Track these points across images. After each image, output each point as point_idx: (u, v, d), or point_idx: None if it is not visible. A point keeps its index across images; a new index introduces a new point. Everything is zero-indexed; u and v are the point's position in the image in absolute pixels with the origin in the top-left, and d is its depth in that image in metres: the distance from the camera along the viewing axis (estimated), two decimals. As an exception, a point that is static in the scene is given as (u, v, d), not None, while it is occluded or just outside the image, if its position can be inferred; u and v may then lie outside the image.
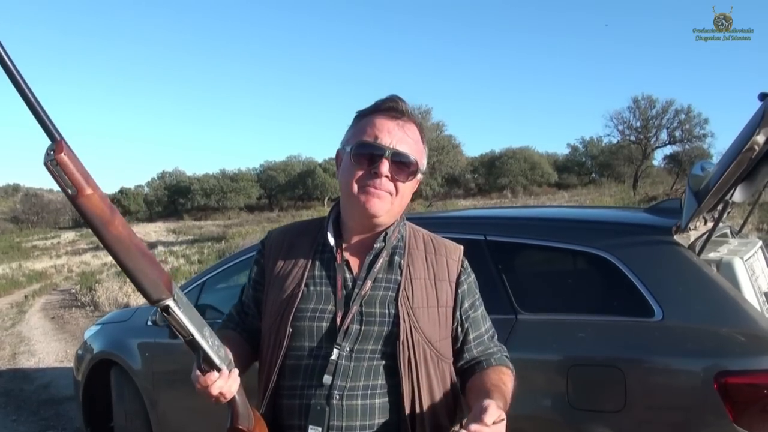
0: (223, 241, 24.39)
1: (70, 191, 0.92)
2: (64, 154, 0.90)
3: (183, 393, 3.29)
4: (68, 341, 8.64)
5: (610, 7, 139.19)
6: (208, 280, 3.51)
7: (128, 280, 1.05)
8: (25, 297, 14.43)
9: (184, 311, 1.09)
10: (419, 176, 1.42)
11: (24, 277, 18.91)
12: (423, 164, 1.43)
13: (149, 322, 3.48)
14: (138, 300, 10.76)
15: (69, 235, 41.04)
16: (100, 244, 1.00)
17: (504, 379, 1.40)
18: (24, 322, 10.73)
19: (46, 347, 8.37)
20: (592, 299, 2.40)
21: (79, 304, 12.19)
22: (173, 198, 56.36)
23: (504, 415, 1.16)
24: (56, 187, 0.93)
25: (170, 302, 1.06)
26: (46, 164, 0.91)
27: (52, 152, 0.90)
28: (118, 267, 1.02)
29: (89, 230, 1.02)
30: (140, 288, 1.03)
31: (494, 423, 1.13)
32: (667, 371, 2.08)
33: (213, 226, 38.91)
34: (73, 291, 14.22)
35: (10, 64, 0.86)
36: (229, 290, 3.90)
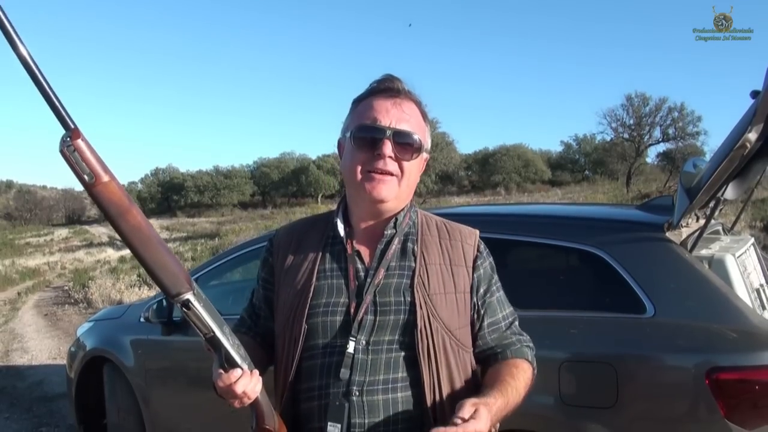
0: (216, 238, 24.31)
1: (86, 178, 0.90)
2: (81, 140, 0.89)
3: (176, 390, 3.30)
4: (61, 338, 8.59)
5: (607, 6, 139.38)
6: (201, 277, 3.50)
7: (147, 274, 1.02)
8: (18, 294, 14.33)
9: (204, 307, 1.05)
10: (424, 155, 1.38)
11: (17, 274, 18.75)
12: (427, 142, 1.38)
13: (142, 319, 3.46)
14: (131, 297, 10.72)
15: (62, 232, 40.74)
16: (117, 236, 0.98)
17: (515, 373, 1.34)
18: (17, 319, 10.66)
19: (39, 344, 8.32)
20: (585, 296, 2.41)
21: (72, 301, 12.12)
22: (166, 195, 56.27)
23: (482, 409, 1.15)
24: (51, 183, 0.93)
25: (190, 296, 1.03)
26: (62, 151, 0.89)
27: (68, 138, 0.89)
28: (137, 260, 0.98)
29: (82, 227, 1.00)
30: (158, 281, 1.00)
31: (470, 418, 1.12)
32: (659, 367, 2.09)
33: (206, 223, 38.87)
34: (66, 288, 14.11)
35: (25, 53, 0.85)
36: (222, 287, 3.89)
